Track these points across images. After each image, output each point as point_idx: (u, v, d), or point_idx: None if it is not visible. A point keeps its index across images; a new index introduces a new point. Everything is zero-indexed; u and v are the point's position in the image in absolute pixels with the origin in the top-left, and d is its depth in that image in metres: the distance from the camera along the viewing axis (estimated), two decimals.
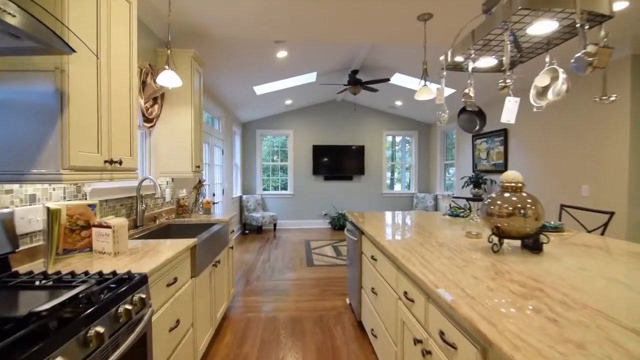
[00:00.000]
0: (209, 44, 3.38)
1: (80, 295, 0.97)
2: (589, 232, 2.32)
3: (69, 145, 1.25)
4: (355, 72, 5.43)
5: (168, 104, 2.79)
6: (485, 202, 1.71)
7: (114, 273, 1.23)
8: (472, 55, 1.70)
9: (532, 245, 1.68)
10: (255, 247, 5.80)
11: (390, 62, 4.95)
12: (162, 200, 2.89)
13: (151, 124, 2.63)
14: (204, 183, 3.38)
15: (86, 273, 1.23)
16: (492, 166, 5.55)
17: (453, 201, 2.86)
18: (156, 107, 2.66)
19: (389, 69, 5.24)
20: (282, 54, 4.12)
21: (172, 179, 3.13)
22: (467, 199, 5.43)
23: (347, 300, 3.24)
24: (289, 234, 7.00)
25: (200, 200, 3.21)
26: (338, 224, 7.40)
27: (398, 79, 5.60)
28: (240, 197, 7.25)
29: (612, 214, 2.40)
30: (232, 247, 2.95)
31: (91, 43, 1.41)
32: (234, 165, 6.83)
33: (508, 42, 1.38)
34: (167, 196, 2.99)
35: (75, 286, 1.05)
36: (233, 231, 3.10)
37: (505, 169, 5.19)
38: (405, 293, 1.49)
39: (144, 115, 2.48)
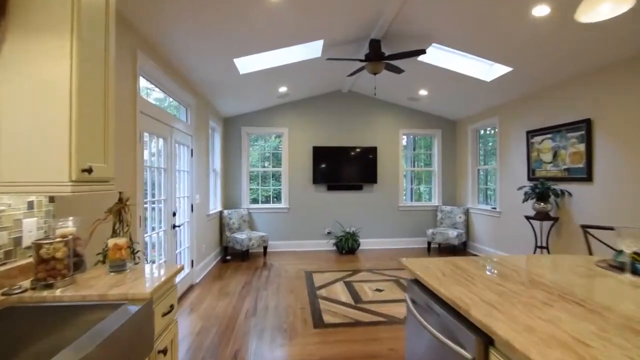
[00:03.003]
0: None
1: None
2: None
3: None
4: (376, 41, 3.92)
5: (21, 30, 1.22)
6: None
7: None
8: None
9: None
10: (238, 284, 4.17)
11: (429, 25, 3.45)
12: (6, 247, 1.29)
13: None
14: (127, 203, 1.80)
15: None
16: (562, 172, 4.05)
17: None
18: None
19: (423, 37, 3.74)
20: None
21: (52, 199, 1.54)
22: (530, 219, 3.91)
23: None
24: (283, 260, 5.39)
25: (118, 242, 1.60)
26: (346, 246, 5.82)
27: (431, 56, 4.11)
28: (221, 212, 5.63)
29: None
30: (163, 351, 1.36)
31: None
32: (212, 172, 5.23)
33: None
34: (27, 237, 1.39)
35: None
36: (172, 306, 1.51)
37: (589, 176, 3.70)
38: None
39: None
